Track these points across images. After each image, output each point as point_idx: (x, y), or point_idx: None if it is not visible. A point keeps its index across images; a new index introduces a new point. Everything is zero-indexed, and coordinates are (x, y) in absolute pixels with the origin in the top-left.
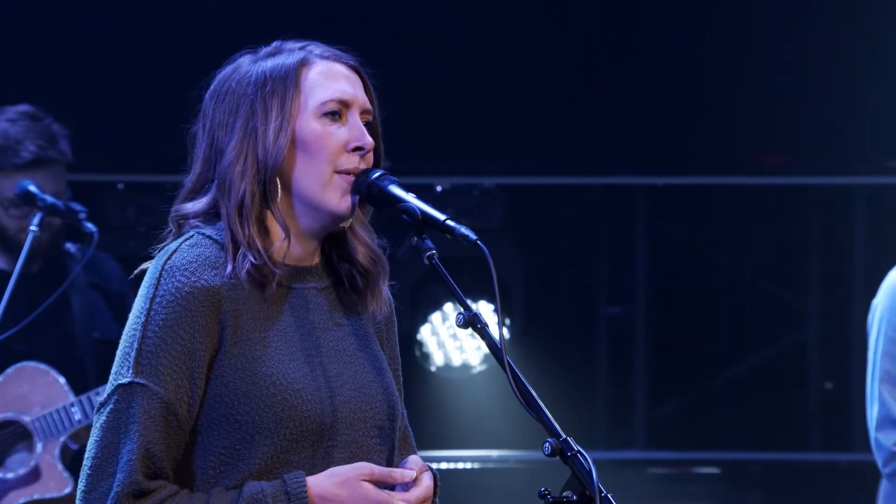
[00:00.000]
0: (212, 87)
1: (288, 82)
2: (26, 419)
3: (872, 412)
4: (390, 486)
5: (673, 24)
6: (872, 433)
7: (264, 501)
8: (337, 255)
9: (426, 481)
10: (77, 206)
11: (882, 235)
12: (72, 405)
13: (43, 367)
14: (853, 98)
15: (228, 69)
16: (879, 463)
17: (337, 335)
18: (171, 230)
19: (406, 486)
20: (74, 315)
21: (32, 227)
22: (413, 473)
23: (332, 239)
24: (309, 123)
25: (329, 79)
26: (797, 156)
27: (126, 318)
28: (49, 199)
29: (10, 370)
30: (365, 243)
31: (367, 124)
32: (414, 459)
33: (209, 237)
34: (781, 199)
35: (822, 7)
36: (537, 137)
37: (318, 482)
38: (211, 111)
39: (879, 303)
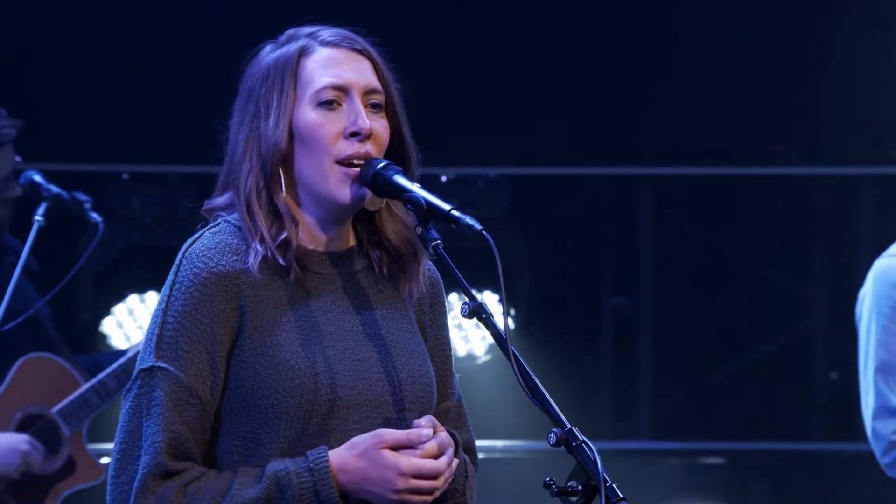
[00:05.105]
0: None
1: (286, 74)
2: (51, 411)
3: (868, 402)
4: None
5: (678, 14)
6: (869, 423)
7: (287, 478)
8: (368, 240)
9: (441, 437)
10: (82, 196)
11: (887, 225)
12: (87, 391)
13: (47, 356)
14: (859, 88)
15: (252, 62)
16: (878, 453)
17: (366, 318)
18: (204, 222)
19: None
20: (30, 300)
21: (38, 218)
22: (429, 432)
23: (364, 222)
24: (306, 115)
25: (326, 66)
26: (802, 146)
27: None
28: (54, 189)
29: (15, 367)
30: (396, 224)
31: (376, 104)
32: (426, 418)
33: (234, 224)
34: (787, 190)
35: None
36: (542, 128)
37: (338, 455)
38: (236, 106)
39: (868, 292)
